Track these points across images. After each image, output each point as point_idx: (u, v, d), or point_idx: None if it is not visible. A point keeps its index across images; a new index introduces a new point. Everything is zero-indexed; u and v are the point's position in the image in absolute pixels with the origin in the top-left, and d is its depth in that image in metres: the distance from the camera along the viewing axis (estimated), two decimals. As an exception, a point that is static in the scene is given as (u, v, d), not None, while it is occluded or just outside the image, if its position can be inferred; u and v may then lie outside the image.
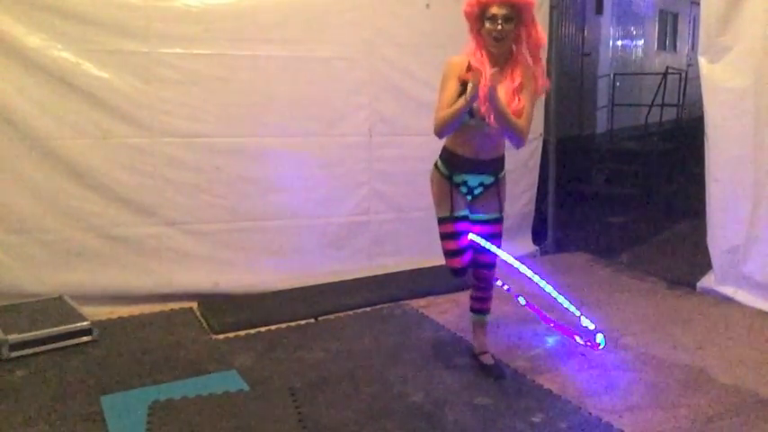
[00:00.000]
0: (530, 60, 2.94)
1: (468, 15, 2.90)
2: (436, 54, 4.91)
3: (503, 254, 3.12)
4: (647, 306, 4.30)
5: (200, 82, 4.19)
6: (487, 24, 2.84)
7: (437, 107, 2.91)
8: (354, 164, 4.74)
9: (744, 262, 4.22)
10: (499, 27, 2.82)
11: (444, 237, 3.11)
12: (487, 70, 2.81)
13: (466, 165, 3.02)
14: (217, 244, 4.40)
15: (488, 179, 3.08)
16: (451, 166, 3.04)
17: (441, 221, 3.11)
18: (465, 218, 3.10)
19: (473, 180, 3.06)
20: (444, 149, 3.07)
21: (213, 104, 4.25)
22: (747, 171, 4.13)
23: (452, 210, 3.06)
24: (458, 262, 3.11)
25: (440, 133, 2.92)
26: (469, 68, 2.84)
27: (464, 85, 2.83)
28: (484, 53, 2.90)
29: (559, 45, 5.94)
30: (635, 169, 8.29)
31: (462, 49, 3.03)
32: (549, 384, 3.14)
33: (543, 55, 3.02)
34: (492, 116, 2.81)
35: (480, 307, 3.32)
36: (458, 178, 3.05)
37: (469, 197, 3.10)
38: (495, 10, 2.81)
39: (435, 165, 3.11)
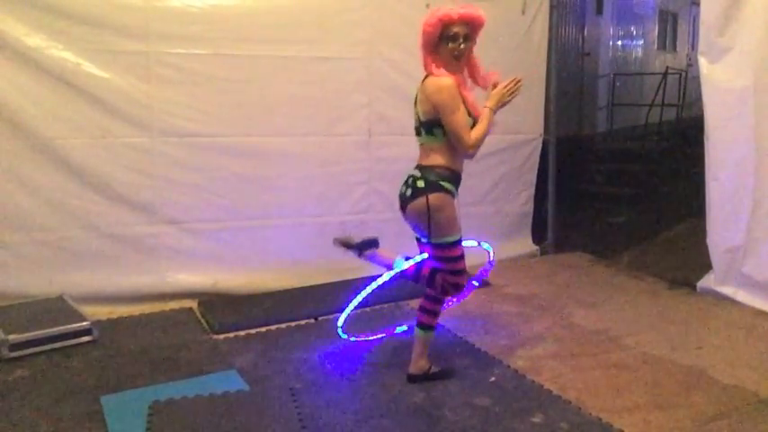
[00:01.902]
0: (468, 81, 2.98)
1: (428, 35, 2.84)
2: (436, 54, 4.95)
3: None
4: (647, 306, 4.30)
5: (200, 82, 4.20)
6: (449, 44, 2.84)
7: (462, 128, 2.81)
8: (354, 163, 4.74)
9: (744, 262, 4.22)
10: (461, 46, 2.84)
11: (460, 258, 2.96)
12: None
13: (460, 180, 3.00)
14: (216, 243, 4.41)
15: None
16: (456, 185, 2.96)
17: (456, 244, 2.93)
18: None
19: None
20: (447, 169, 2.89)
21: (213, 104, 4.25)
22: (747, 171, 4.13)
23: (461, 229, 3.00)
24: (467, 278, 3.06)
25: (476, 151, 2.91)
26: (495, 85, 2.91)
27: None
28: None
29: (559, 45, 5.94)
30: (635, 169, 8.29)
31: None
32: (549, 384, 3.14)
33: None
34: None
35: (436, 323, 3.23)
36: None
37: None
38: (456, 29, 2.83)
39: (443, 189, 2.87)
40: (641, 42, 11.67)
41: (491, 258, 3.73)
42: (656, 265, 5.29)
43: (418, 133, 2.96)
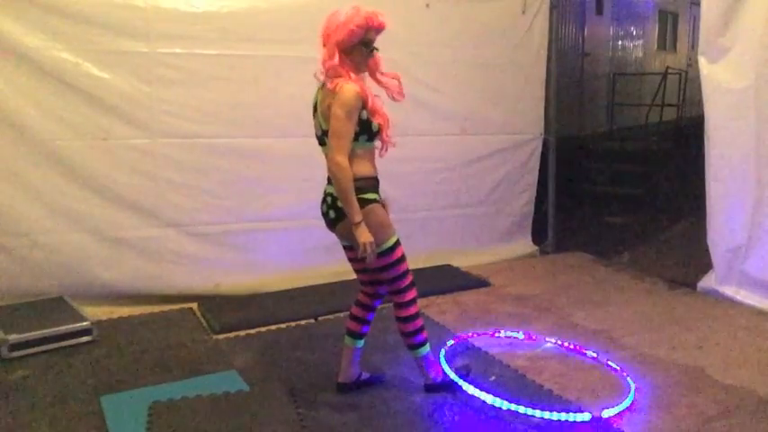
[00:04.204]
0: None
1: (353, 35, 2.70)
2: (436, 54, 4.95)
3: None
4: (647, 306, 4.30)
5: (201, 82, 4.20)
6: (364, 49, 2.77)
7: (342, 139, 2.66)
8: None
9: (745, 262, 4.22)
10: (374, 54, 2.81)
11: (402, 260, 2.86)
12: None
13: (378, 182, 2.92)
14: (217, 245, 4.40)
15: None
16: (376, 189, 2.86)
17: (396, 246, 2.82)
18: None
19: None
20: (362, 179, 2.77)
21: (213, 105, 4.25)
22: (748, 170, 4.13)
23: None
24: (412, 276, 2.95)
25: (340, 170, 2.67)
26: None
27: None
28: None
29: (559, 45, 5.94)
30: (635, 169, 8.29)
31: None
32: (550, 384, 3.14)
33: None
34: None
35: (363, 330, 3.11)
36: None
37: None
38: (373, 36, 2.77)
39: (365, 201, 2.74)
40: (641, 42, 11.67)
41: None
42: (656, 265, 5.29)
43: (322, 143, 2.84)
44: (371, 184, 2.83)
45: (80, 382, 3.17)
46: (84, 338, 3.59)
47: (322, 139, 2.85)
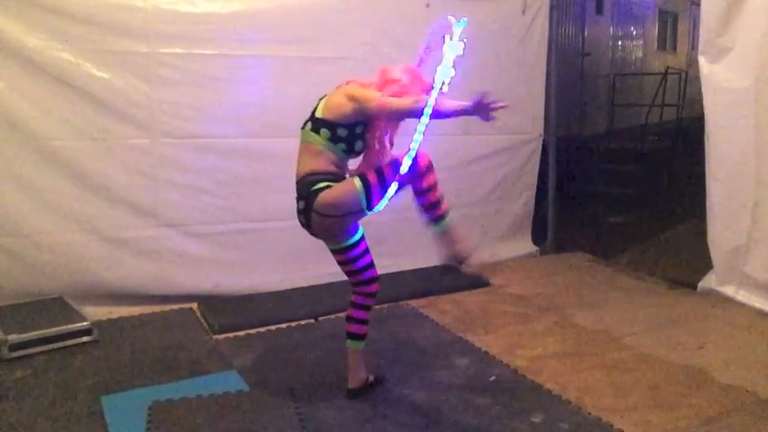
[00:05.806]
0: None
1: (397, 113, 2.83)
2: (436, 54, 4.94)
3: None
4: (647, 306, 4.30)
5: (200, 82, 4.19)
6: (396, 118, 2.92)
7: (389, 99, 2.73)
8: (355, 164, 4.73)
9: (745, 262, 4.22)
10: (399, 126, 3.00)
11: (367, 251, 3.03)
12: None
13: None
14: (217, 245, 4.40)
15: None
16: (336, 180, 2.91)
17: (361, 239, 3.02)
18: None
19: None
20: (323, 173, 2.87)
21: (213, 105, 4.24)
22: (748, 170, 4.14)
23: None
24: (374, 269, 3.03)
25: (386, 105, 2.75)
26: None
27: None
28: None
29: (559, 45, 5.94)
30: (635, 169, 8.29)
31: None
32: (549, 384, 3.14)
33: None
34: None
35: (366, 332, 3.07)
36: None
37: None
38: None
39: (322, 189, 2.81)
40: (641, 42, 11.67)
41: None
42: (656, 265, 5.29)
43: (303, 126, 2.89)
44: (322, 177, 2.82)
45: (80, 382, 3.17)
46: (85, 338, 3.59)
47: (305, 123, 2.90)
